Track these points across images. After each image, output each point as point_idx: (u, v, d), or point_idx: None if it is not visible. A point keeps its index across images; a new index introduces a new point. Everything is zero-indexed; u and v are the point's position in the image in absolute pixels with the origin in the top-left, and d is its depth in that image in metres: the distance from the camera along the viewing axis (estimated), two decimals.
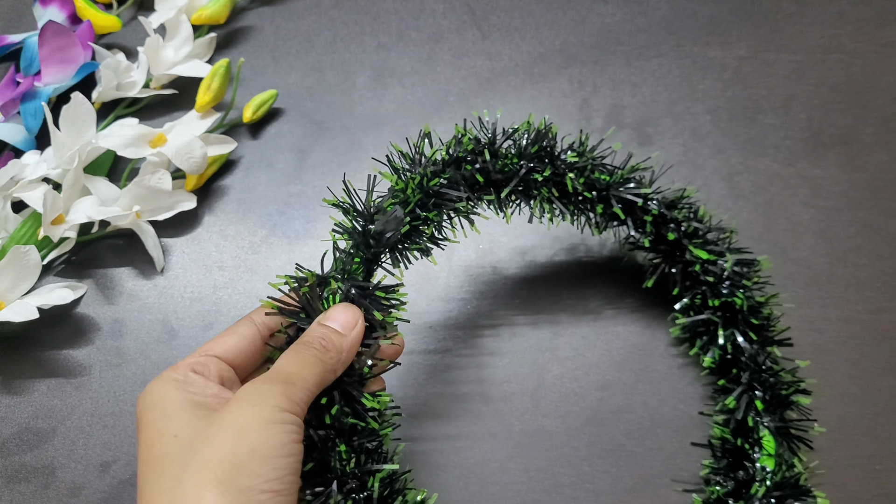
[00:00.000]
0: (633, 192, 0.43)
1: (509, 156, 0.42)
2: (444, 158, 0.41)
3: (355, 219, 0.38)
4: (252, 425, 0.30)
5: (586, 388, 0.47)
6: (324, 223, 0.53)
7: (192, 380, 0.34)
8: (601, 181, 0.43)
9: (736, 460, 0.42)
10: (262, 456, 0.29)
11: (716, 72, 0.58)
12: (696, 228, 0.44)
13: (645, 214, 0.44)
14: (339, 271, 0.37)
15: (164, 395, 0.33)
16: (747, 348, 0.42)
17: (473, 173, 0.41)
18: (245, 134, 0.57)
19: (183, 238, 0.53)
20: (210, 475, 0.28)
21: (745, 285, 0.44)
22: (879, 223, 0.52)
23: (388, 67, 0.59)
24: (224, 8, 0.59)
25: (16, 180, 0.51)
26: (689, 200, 0.45)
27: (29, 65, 0.57)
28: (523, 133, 0.42)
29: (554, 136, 0.42)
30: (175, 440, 0.31)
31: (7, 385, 0.49)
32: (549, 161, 0.42)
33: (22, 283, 0.48)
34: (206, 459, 0.29)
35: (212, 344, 0.36)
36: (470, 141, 0.41)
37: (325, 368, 0.34)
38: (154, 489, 0.30)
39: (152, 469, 0.31)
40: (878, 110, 0.56)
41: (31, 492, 0.45)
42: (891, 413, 0.46)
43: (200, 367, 0.35)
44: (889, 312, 0.49)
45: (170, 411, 0.32)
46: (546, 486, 0.44)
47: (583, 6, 0.61)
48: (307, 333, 0.35)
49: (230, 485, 0.28)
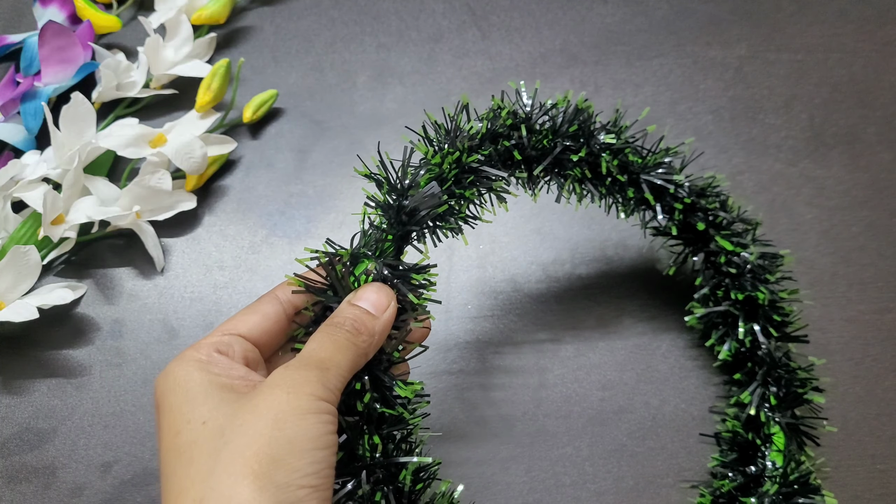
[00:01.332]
0: (665, 177, 0.42)
1: (544, 132, 0.40)
2: (483, 132, 0.38)
3: (389, 193, 0.36)
4: (288, 415, 0.28)
5: (588, 388, 0.47)
6: (324, 223, 0.53)
7: (217, 360, 0.32)
8: (634, 164, 0.42)
9: (745, 455, 0.41)
10: (299, 449, 0.28)
11: (717, 71, 0.58)
12: (723, 218, 0.43)
13: (675, 201, 0.42)
14: (370, 248, 0.35)
15: (187, 376, 0.31)
16: (765, 343, 0.42)
17: (511, 150, 0.39)
18: (245, 134, 0.57)
19: (183, 238, 0.53)
20: (246, 468, 0.27)
21: (768, 279, 0.43)
22: (883, 222, 0.52)
23: (389, 67, 0.59)
24: (224, 8, 0.59)
25: (16, 180, 0.51)
26: (718, 189, 0.44)
27: (29, 65, 0.57)
28: (560, 110, 0.40)
29: (591, 115, 0.41)
30: (204, 427, 0.29)
31: (7, 385, 0.49)
32: (585, 140, 0.41)
33: (22, 283, 0.48)
34: (241, 451, 0.27)
35: (234, 322, 0.34)
36: (508, 115, 0.39)
37: (357, 353, 0.32)
38: (183, 480, 0.28)
39: (180, 458, 0.29)
40: (880, 109, 0.56)
41: (32, 492, 0.45)
42: (894, 413, 0.46)
43: (224, 346, 0.33)
44: (893, 312, 0.49)
45: (195, 395, 0.30)
46: (548, 486, 0.44)
47: (583, 6, 0.61)
48: (337, 314, 0.33)
49: (267, 479, 0.27)
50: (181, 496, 0.27)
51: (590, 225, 0.52)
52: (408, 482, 0.33)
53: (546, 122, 0.40)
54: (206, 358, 0.31)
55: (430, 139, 0.38)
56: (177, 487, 0.28)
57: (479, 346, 0.48)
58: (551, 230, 0.52)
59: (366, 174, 0.37)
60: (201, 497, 0.27)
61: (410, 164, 0.37)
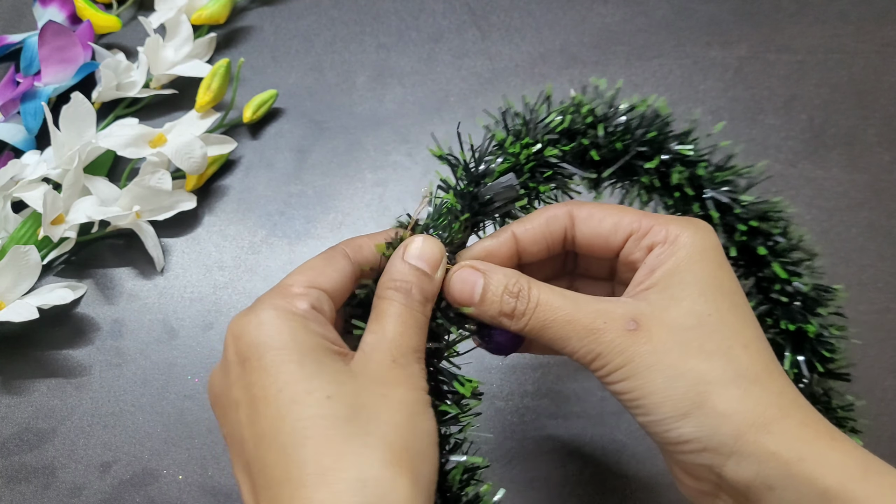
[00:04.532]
0: (731, 195, 0.39)
1: (618, 134, 0.37)
2: (564, 127, 0.36)
3: (462, 178, 0.34)
4: (418, 409, 0.27)
5: (588, 389, 0.47)
6: (323, 223, 0.53)
7: (315, 318, 0.28)
8: (703, 179, 0.39)
9: None
10: (430, 443, 0.27)
11: (717, 72, 0.58)
12: (783, 246, 0.40)
13: (738, 222, 0.39)
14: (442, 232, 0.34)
15: (288, 332, 0.27)
16: (808, 378, 0.39)
17: (588, 148, 0.37)
18: (245, 134, 0.57)
19: (183, 238, 0.53)
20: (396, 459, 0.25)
21: (820, 313, 0.40)
22: (882, 223, 0.52)
23: (388, 67, 0.59)
24: (224, 8, 0.59)
25: (16, 180, 0.51)
26: (781, 214, 0.41)
27: (29, 65, 0.57)
28: (639, 113, 0.38)
29: (669, 124, 0.39)
30: (329, 403, 0.26)
31: (7, 385, 0.49)
32: (660, 149, 0.38)
33: (22, 283, 0.48)
34: (388, 442, 0.26)
35: (314, 273, 0.30)
36: (589, 112, 0.37)
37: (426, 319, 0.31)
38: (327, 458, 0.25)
39: (313, 430, 0.25)
40: (880, 110, 0.56)
41: (31, 492, 0.45)
42: (893, 413, 0.46)
43: (318, 304, 0.29)
44: (892, 313, 0.49)
45: (307, 359, 0.27)
46: (548, 486, 0.44)
47: (583, 6, 0.61)
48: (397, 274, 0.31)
49: (417, 473, 0.26)
50: (328, 475, 0.25)
51: None
52: (456, 482, 0.32)
53: (621, 124, 0.38)
54: (303, 313, 0.28)
55: (508, 127, 0.36)
56: (314, 464, 0.25)
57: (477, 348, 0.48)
58: None
59: (440, 155, 0.35)
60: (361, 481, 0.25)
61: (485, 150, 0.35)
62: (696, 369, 0.29)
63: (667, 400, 0.28)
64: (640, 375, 0.29)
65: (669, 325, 0.30)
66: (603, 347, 0.30)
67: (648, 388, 0.29)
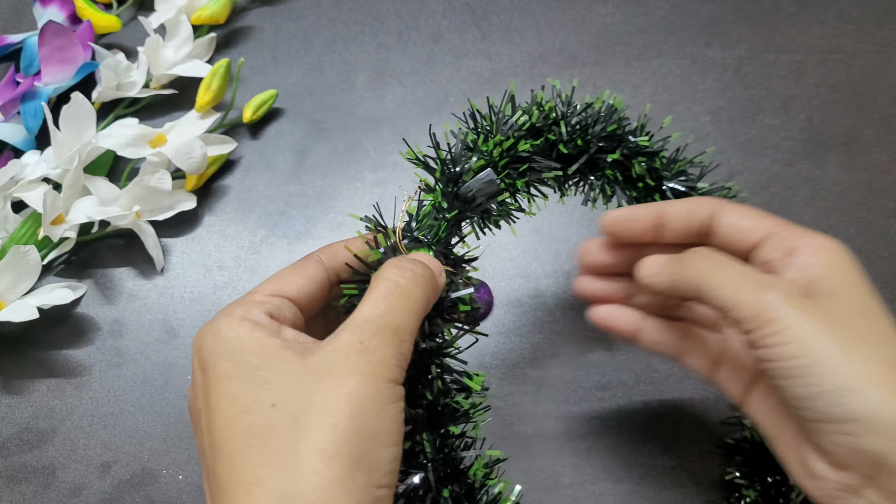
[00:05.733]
0: (688, 185, 0.42)
1: (578, 131, 0.39)
2: (530, 124, 0.37)
3: (441, 178, 0.35)
4: (369, 406, 0.26)
5: (587, 388, 0.47)
6: (323, 223, 0.53)
7: (270, 325, 0.29)
8: (660, 170, 0.41)
9: (765, 465, 0.41)
10: (379, 444, 0.26)
11: (716, 72, 0.58)
12: None
13: None
14: (426, 232, 0.34)
15: (242, 340, 0.28)
16: None
17: (555, 143, 0.38)
18: (245, 134, 0.57)
19: (183, 238, 0.53)
20: (328, 471, 0.25)
21: None
22: (880, 224, 0.52)
23: (388, 67, 0.59)
24: (224, 8, 0.59)
25: (16, 180, 0.51)
26: (736, 199, 0.43)
27: (29, 65, 0.57)
28: (595, 110, 0.40)
29: (625, 117, 0.40)
30: (274, 411, 0.26)
31: (7, 385, 0.49)
32: (619, 142, 0.40)
33: (22, 283, 0.48)
34: (322, 447, 0.25)
35: (280, 282, 0.31)
36: (552, 109, 0.38)
37: (427, 306, 0.30)
38: (258, 469, 0.25)
39: (253, 441, 0.26)
40: (878, 111, 0.56)
41: (31, 492, 0.45)
42: None
43: (276, 311, 0.29)
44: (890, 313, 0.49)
45: (256, 366, 0.27)
46: (547, 486, 0.44)
47: (583, 6, 0.61)
48: (402, 259, 0.31)
49: (352, 483, 0.25)
50: (256, 488, 0.25)
51: (588, 225, 0.52)
52: (478, 477, 0.32)
53: (580, 121, 0.39)
54: (258, 320, 0.29)
55: (478, 128, 0.37)
56: (249, 476, 0.25)
57: (477, 345, 0.48)
58: (550, 230, 0.52)
59: (413, 158, 0.35)
60: (283, 494, 0.25)
61: (460, 151, 0.35)
62: (871, 348, 0.28)
63: (840, 370, 0.27)
64: (812, 340, 0.28)
65: (841, 306, 0.30)
66: (775, 302, 0.29)
67: (822, 354, 0.28)
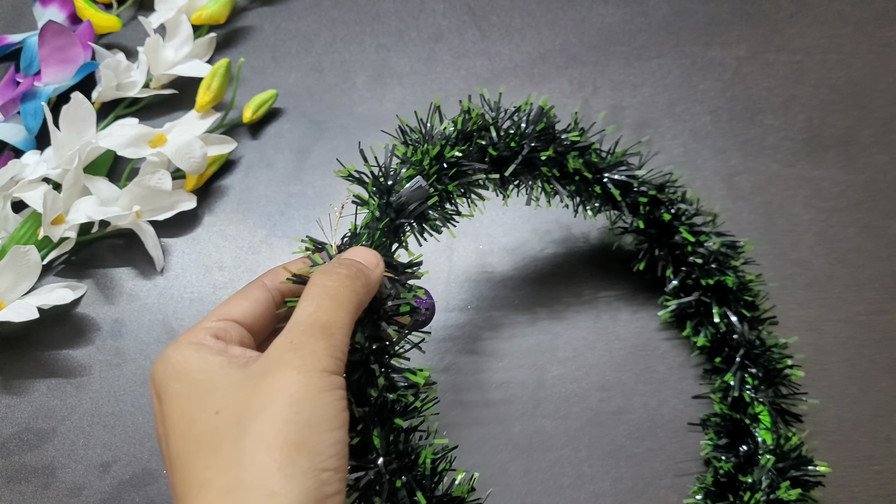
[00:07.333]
0: (627, 173, 0.45)
1: (510, 134, 0.42)
2: (456, 132, 0.40)
3: (375, 192, 0.37)
4: (304, 396, 0.27)
5: (586, 389, 0.47)
6: (323, 223, 0.53)
7: (215, 344, 0.31)
8: (597, 163, 0.44)
9: (736, 436, 0.43)
10: (319, 430, 0.27)
11: (716, 72, 0.58)
12: (685, 210, 0.46)
13: (640, 196, 0.45)
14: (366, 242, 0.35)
15: (187, 362, 0.30)
16: (739, 326, 0.44)
17: (485, 147, 0.41)
18: (245, 134, 0.57)
19: (183, 238, 0.53)
20: (270, 456, 0.26)
21: (734, 265, 0.46)
22: (879, 224, 0.52)
23: (388, 67, 0.59)
24: (224, 8, 0.59)
25: (16, 180, 0.51)
26: (676, 185, 0.47)
27: (29, 65, 0.57)
28: (525, 112, 0.42)
29: (554, 116, 0.43)
30: (218, 417, 0.28)
31: (7, 385, 0.49)
32: (551, 140, 0.43)
33: (22, 283, 0.48)
34: (262, 437, 0.27)
35: (226, 307, 0.33)
36: (479, 116, 0.41)
37: (358, 302, 0.31)
38: (205, 471, 0.27)
39: (201, 448, 0.28)
40: (877, 111, 0.56)
41: (31, 492, 0.45)
42: (890, 414, 0.46)
43: (221, 332, 0.32)
44: (888, 314, 0.49)
45: (200, 381, 0.29)
46: (546, 487, 0.44)
47: (583, 6, 0.62)
48: (329, 264, 0.32)
49: (293, 466, 0.26)
50: (205, 487, 0.27)
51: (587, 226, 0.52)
52: (427, 466, 0.33)
53: (511, 125, 0.42)
54: (203, 342, 0.31)
55: (408, 141, 0.39)
56: (198, 478, 0.27)
57: (477, 346, 0.48)
58: (548, 231, 0.52)
59: (346, 175, 0.38)
60: (228, 487, 0.26)
61: (392, 164, 0.38)
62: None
63: None
64: None
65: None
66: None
67: None
